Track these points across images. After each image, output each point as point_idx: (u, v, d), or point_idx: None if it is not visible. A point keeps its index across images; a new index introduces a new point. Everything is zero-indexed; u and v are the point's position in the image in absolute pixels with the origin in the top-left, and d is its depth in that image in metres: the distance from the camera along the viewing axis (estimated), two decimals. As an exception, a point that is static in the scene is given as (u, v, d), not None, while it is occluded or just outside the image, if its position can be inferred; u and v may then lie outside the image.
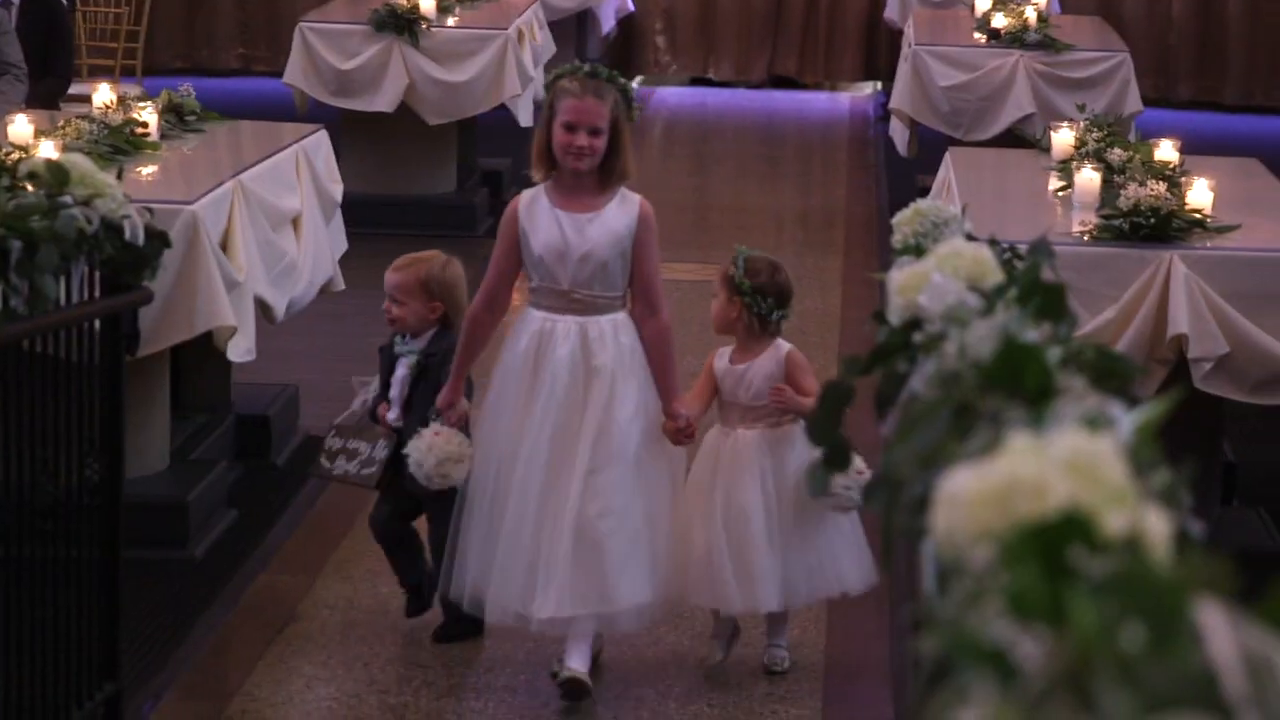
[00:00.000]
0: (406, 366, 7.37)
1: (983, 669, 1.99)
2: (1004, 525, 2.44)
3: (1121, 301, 7.97)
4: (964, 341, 3.66)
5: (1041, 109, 13.77)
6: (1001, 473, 2.52)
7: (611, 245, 6.89)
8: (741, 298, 7.17)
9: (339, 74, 14.18)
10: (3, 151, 8.51)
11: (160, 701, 6.97)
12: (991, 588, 2.27)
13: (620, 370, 6.88)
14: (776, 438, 7.12)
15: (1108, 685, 1.81)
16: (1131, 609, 2.02)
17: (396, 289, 7.43)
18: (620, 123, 6.93)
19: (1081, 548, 2.28)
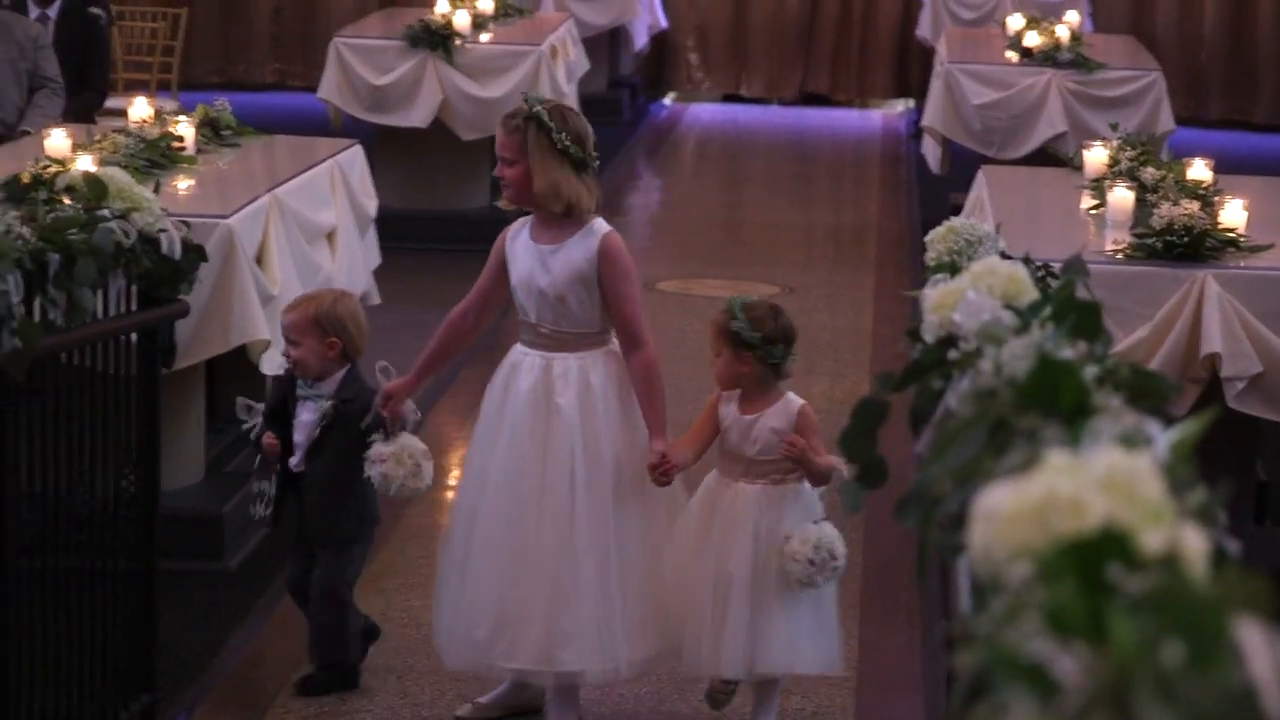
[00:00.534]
0: (314, 411, 7.07)
1: (1021, 684, 1.99)
2: (1042, 542, 2.44)
3: (1155, 320, 7.95)
4: (999, 359, 3.66)
5: (1074, 127, 13.75)
6: (1039, 490, 2.52)
7: (569, 279, 6.67)
8: (752, 351, 6.69)
9: (373, 89, 14.21)
10: (40, 165, 8.54)
11: (194, 713, 6.97)
12: (1029, 604, 2.27)
13: (587, 412, 6.66)
14: (777, 495, 6.68)
15: (1147, 701, 1.81)
16: (1171, 626, 2.02)
17: (290, 328, 7.13)
18: (539, 146, 6.64)
19: (1119, 565, 2.28)
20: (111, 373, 6.48)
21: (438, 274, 12.15)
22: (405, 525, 8.52)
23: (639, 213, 16.60)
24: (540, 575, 6.63)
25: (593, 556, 6.62)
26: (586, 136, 6.74)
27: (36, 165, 8.55)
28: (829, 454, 6.58)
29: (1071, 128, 13.79)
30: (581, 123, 6.78)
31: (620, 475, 6.65)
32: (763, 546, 6.62)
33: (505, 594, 6.66)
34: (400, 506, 8.20)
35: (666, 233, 15.73)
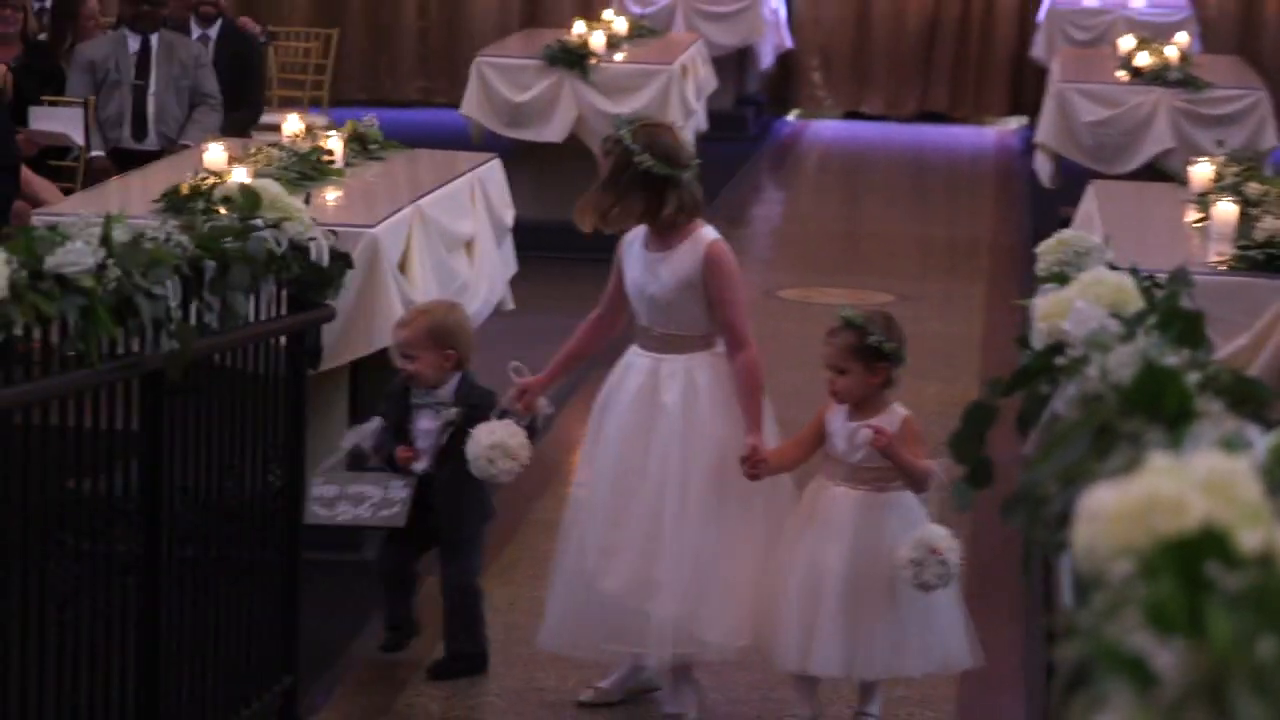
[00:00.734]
0: (434, 419, 7.04)
1: (1121, 677, 1.97)
2: (1144, 540, 2.41)
3: (1255, 329, 7.87)
4: (1105, 365, 3.63)
5: (1181, 144, 13.66)
6: (1142, 490, 2.49)
7: (676, 286, 6.68)
8: (890, 362, 6.61)
9: (512, 106, 14.25)
10: (199, 177, 8.60)
11: (332, 695, 7.00)
12: (1130, 599, 2.24)
13: (689, 410, 6.66)
14: (877, 502, 6.55)
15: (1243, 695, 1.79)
16: (1266, 622, 1.99)
17: (406, 344, 7.10)
18: (615, 166, 6.69)
19: (1218, 563, 2.26)
20: (261, 373, 6.52)
21: (571, 281, 12.15)
22: (533, 519, 8.52)
23: (761, 224, 16.58)
24: (636, 564, 6.64)
25: (688, 548, 6.62)
26: (676, 151, 6.74)
27: (195, 177, 8.63)
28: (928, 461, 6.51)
29: (1179, 144, 13.70)
30: (670, 138, 6.81)
31: (720, 472, 6.63)
32: (861, 550, 6.49)
33: (604, 583, 6.68)
34: (529, 500, 8.20)
35: (788, 243, 15.71)
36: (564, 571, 6.82)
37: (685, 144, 6.89)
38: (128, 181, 9.88)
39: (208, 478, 6.13)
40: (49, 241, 5.13)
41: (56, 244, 5.13)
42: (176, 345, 5.60)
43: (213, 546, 6.17)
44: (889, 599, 6.46)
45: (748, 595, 6.64)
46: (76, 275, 5.11)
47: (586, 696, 6.87)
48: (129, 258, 5.36)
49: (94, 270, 5.18)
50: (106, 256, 5.28)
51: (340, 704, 6.95)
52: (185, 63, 12.03)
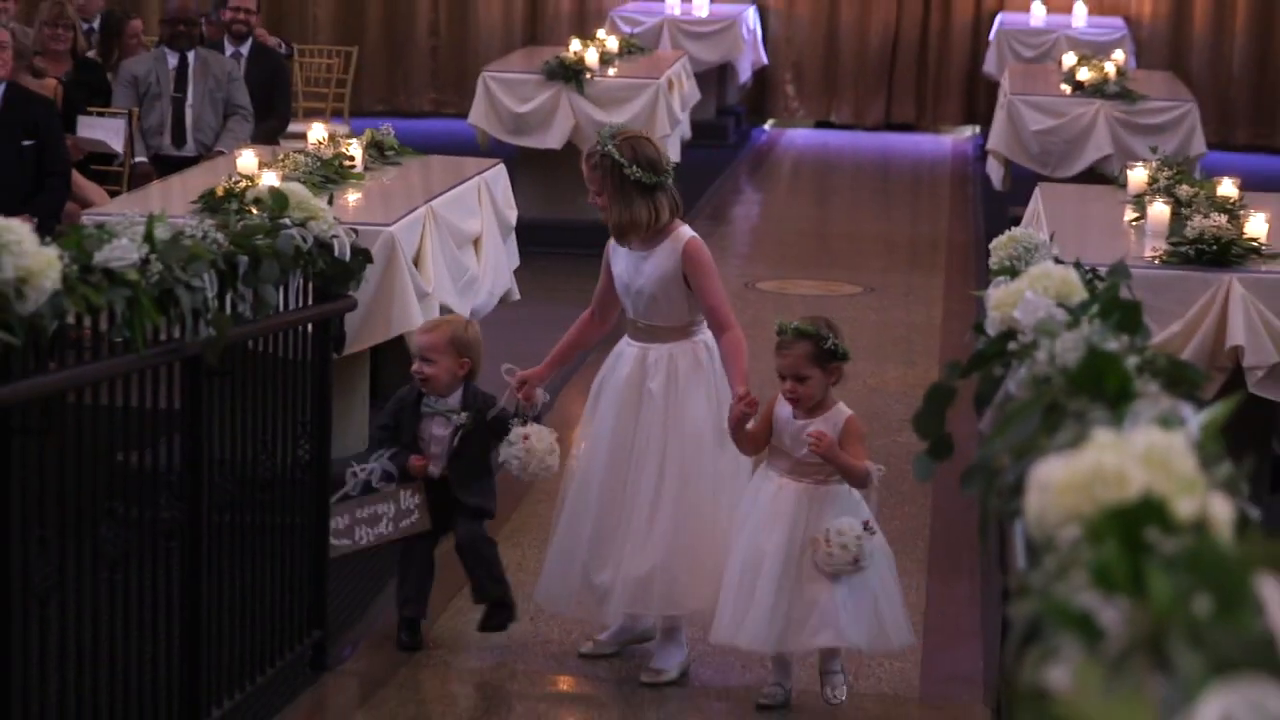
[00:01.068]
0: (446, 426, 6.95)
1: (1071, 632, 1.97)
2: (1089, 508, 2.42)
3: (1186, 317, 7.89)
4: (1053, 350, 3.63)
5: (1119, 150, 13.67)
6: (1088, 463, 2.50)
7: (660, 281, 6.66)
8: (843, 361, 6.47)
9: (515, 116, 14.24)
10: (232, 180, 8.60)
11: (358, 647, 7.00)
12: (1078, 562, 2.25)
13: (672, 394, 6.65)
14: (818, 495, 6.39)
15: (1181, 649, 1.79)
16: (1201, 582, 1.99)
17: (428, 349, 6.96)
18: (613, 180, 6.65)
19: (1156, 529, 2.26)
20: (290, 358, 6.52)
21: (569, 274, 12.16)
22: (538, 488, 8.51)
23: (741, 222, 16.57)
24: (630, 531, 6.64)
25: (672, 515, 6.62)
26: (657, 159, 6.72)
27: (229, 180, 8.62)
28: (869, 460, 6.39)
29: (1116, 151, 13.71)
30: (651, 148, 6.76)
31: (700, 448, 6.62)
32: (798, 539, 6.34)
33: (600, 549, 6.68)
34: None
35: (765, 240, 15.69)
36: (558, 544, 6.82)
37: (664, 151, 6.86)
38: (168, 184, 9.87)
39: (243, 451, 6.13)
40: (97, 239, 5.12)
41: (104, 241, 5.12)
42: (213, 332, 5.60)
43: (248, 513, 6.17)
44: (821, 582, 6.31)
45: (710, 559, 6.61)
46: (123, 269, 5.10)
47: (586, 648, 6.87)
48: (170, 253, 5.36)
49: (138, 264, 5.18)
50: (150, 252, 5.28)
51: (364, 655, 6.95)
52: (219, 77, 12.03)
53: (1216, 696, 1.63)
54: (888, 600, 6.39)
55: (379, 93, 20.72)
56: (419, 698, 6.57)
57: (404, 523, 6.90)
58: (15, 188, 10.04)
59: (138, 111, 11.85)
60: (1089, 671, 1.82)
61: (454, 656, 6.90)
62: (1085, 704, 1.73)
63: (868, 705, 6.57)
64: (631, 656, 6.86)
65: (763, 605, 6.33)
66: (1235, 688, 1.69)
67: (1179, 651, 1.77)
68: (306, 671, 6.70)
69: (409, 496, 6.92)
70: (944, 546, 8.15)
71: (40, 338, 4.75)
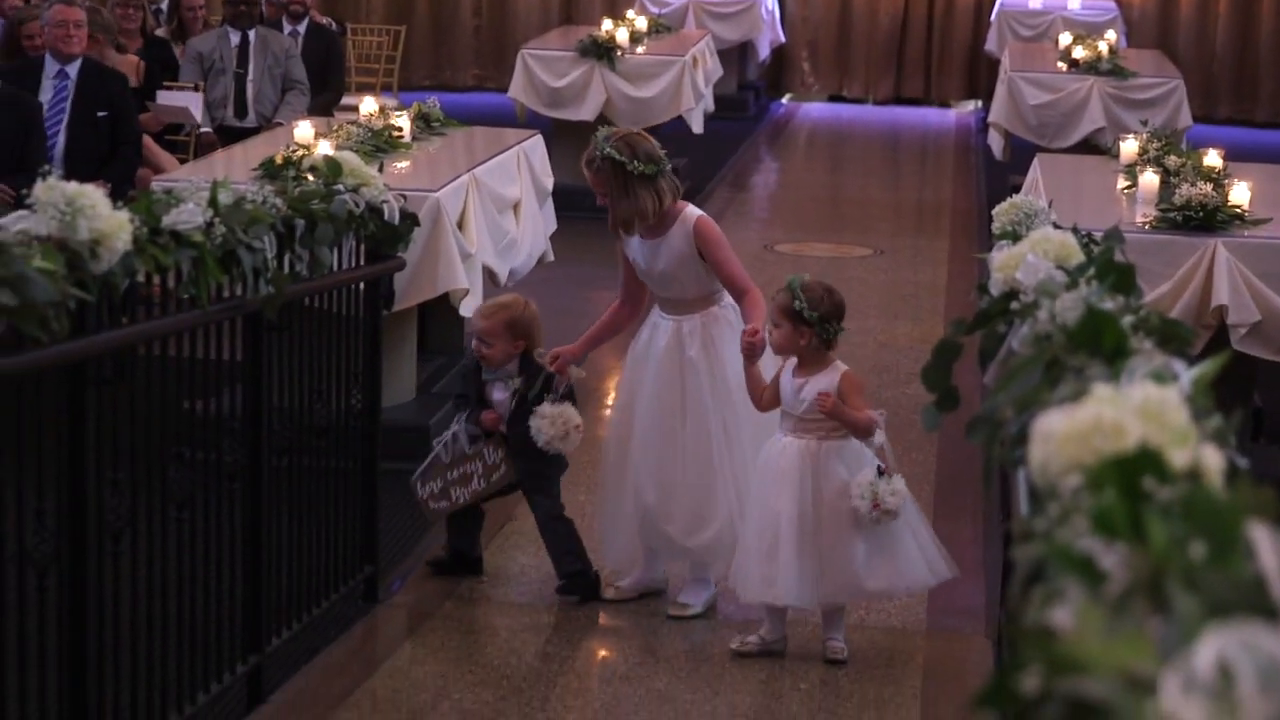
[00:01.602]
0: (505, 390, 6.88)
1: (1073, 575, 1.94)
2: (1089, 458, 2.39)
3: (1174, 278, 7.85)
4: (1054, 309, 3.59)
5: (1111, 123, 13.60)
6: (1088, 416, 2.47)
7: (677, 261, 6.63)
8: (811, 327, 6.28)
9: (552, 90, 14.19)
10: (290, 150, 8.57)
11: (406, 581, 7.00)
12: (1079, 509, 2.22)
13: (713, 358, 6.61)
14: (822, 449, 6.24)
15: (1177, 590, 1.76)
16: (1196, 529, 1.96)
17: (486, 334, 6.88)
18: (617, 178, 6.58)
19: (1153, 478, 2.23)
20: (343, 314, 6.50)
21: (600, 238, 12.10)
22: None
23: (760, 189, 16.51)
24: (686, 483, 6.61)
25: (731, 474, 6.60)
26: (654, 150, 6.67)
27: (287, 150, 8.59)
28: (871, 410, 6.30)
29: (1109, 123, 13.64)
30: (645, 142, 6.70)
31: (742, 405, 6.56)
32: (807, 495, 6.21)
33: (656, 500, 6.64)
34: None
35: (782, 205, 15.64)
36: (610, 512, 6.80)
37: (654, 142, 6.79)
38: (230, 153, 9.85)
39: (300, 400, 6.12)
40: (165, 203, 5.11)
41: (172, 205, 5.11)
42: (273, 290, 5.58)
43: (305, 458, 6.16)
44: (839, 534, 6.21)
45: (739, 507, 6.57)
46: (189, 231, 5.09)
47: (609, 594, 6.83)
48: (232, 217, 5.34)
49: (203, 227, 5.17)
50: (214, 216, 5.26)
51: (413, 589, 6.94)
52: (278, 54, 12.00)
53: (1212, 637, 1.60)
54: (917, 538, 6.28)
55: (426, 68, 20.67)
56: (463, 628, 6.56)
57: (494, 476, 6.90)
58: (91, 156, 10.05)
59: (203, 85, 11.83)
60: (1091, 613, 1.79)
61: (496, 590, 6.89)
62: (1088, 643, 1.70)
63: (877, 638, 6.55)
64: (649, 600, 6.80)
65: (789, 564, 6.20)
66: (1229, 629, 1.66)
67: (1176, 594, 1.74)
68: (359, 604, 6.70)
69: (493, 451, 6.92)
70: (948, 490, 8.12)
71: (113, 295, 4.74)
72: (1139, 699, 1.57)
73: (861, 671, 6.23)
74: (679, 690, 6.01)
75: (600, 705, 5.90)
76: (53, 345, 4.44)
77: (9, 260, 4.19)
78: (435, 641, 6.41)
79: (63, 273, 4.37)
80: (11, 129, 9.55)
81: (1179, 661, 1.60)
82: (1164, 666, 1.61)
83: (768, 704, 5.97)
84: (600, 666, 6.31)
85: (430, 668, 6.17)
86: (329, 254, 6.08)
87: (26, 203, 4.52)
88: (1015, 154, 14.11)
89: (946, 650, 6.51)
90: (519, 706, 5.86)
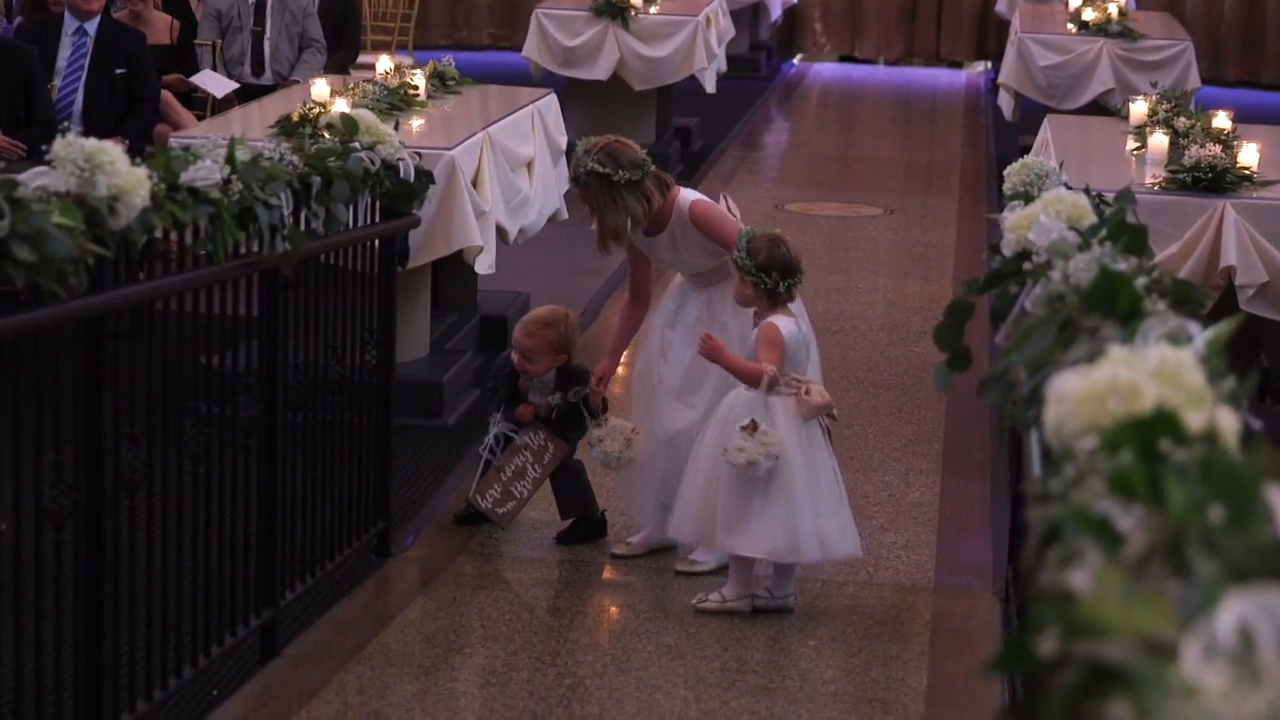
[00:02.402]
0: (540, 394, 6.91)
1: (1091, 537, 1.91)
2: (1105, 420, 2.35)
3: (1183, 239, 7.81)
4: (1067, 270, 3.55)
5: (1120, 85, 13.52)
6: (1103, 377, 2.43)
7: (687, 249, 6.66)
8: (748, 276, 6.24)
9: (566, 50, 14.12)
10: (307, 108, 8.52)
11: (419, 536, 6.98)
12: (1095, 471, 2.18)
13: (745, 323, 6.53)
14: (743, 400, 6.21)
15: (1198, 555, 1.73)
16: (1214, 492, 1.93)
17: (530, 351, 6.92)
18: (604, 191, 6.58)
19: (1169, 439, 2.19)
20: (358, 270, 6.47)
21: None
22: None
23: (772, 149, 16.45)
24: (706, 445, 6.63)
25: None
26: (637, 156, 6.67)
27: (303, 107, 8.54)
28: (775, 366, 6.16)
29: (1118, 85, 13.56)
30: (629, 150, 6.70)
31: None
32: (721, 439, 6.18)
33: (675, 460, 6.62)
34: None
35: (793, 165, 15.58)
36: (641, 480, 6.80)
37: (635, 147, 6.76)
38: (247, 111, 9.81)
39: (315, 356, 6.09)
40: (183, 160, 5.08)
41: (189, 162, 5.07)
42: (289, 246, 5.55)
43: (320, 413, 6.13)
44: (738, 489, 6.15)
45: None
46: (206, 188, 5.06)
47: (619, 550, 6.81)
48: (249, 173, 5.31)
49: (220, 184, 5.13)
50: (231, 172, 5.23)
51: (425, 543, 6.93)
52: (295, 12, 11.95)
53: (1233, 601, 1.57)
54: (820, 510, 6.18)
55: (441, 27, 20.58)
56: (475, 583, 6.55)
57: (545, 459, 6.92)
58: (109, 113, 10.02)
59: (220, 43, 11.80)
60: (1110, 575, 1.75)
61: (505, 547, 6.87)
62: (1107, 606, 1.66)
63: (886, 594, 6.53)
64: (658, 556, 6.78)
65: (692, 499, 6.26)
66: (1249, 593, 1.63)
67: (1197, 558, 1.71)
68: (372, 558, 6.68)
69: (535, 437, 6.93)
70: (957, 448, 8.10)
71: (131, 251, 4.71)
72: (1159, 664, 1.54)
73: (870, 628, 6.21)
74: (689, 645, 6.00)
75: (611, 660, 5.88)
76: (71, 300, 4.42)
77: (28, 216, 4.16)
78: (447, 596, 6.39)
79: (81, 228, 4.34)
80: (9, 81, 9.49)
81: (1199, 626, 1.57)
82: (1184, 631, 1.58)
83: (776, 659, 5.96)
84: (611, 621, 6.29)
85: (442, 622, 6.15)
86: (344, 211, 6.05)
87: (45, 159, 4.49)
88: (1024, 115, 14.05)
89: (954, 607, 6.49)
90: (530, 661, 5.84)
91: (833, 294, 10.53)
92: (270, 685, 5.63)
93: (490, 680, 5.71)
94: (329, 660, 5.79)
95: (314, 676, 5.67)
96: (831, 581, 6.55)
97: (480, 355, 9.23)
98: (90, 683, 4.73)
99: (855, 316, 10.18)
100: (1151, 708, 1.47)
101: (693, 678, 5.74)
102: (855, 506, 7.07)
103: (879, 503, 7.38)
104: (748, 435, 6.11)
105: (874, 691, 5.72)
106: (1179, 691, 1.49)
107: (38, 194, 4.29)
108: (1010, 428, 3.82)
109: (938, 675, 5.85)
